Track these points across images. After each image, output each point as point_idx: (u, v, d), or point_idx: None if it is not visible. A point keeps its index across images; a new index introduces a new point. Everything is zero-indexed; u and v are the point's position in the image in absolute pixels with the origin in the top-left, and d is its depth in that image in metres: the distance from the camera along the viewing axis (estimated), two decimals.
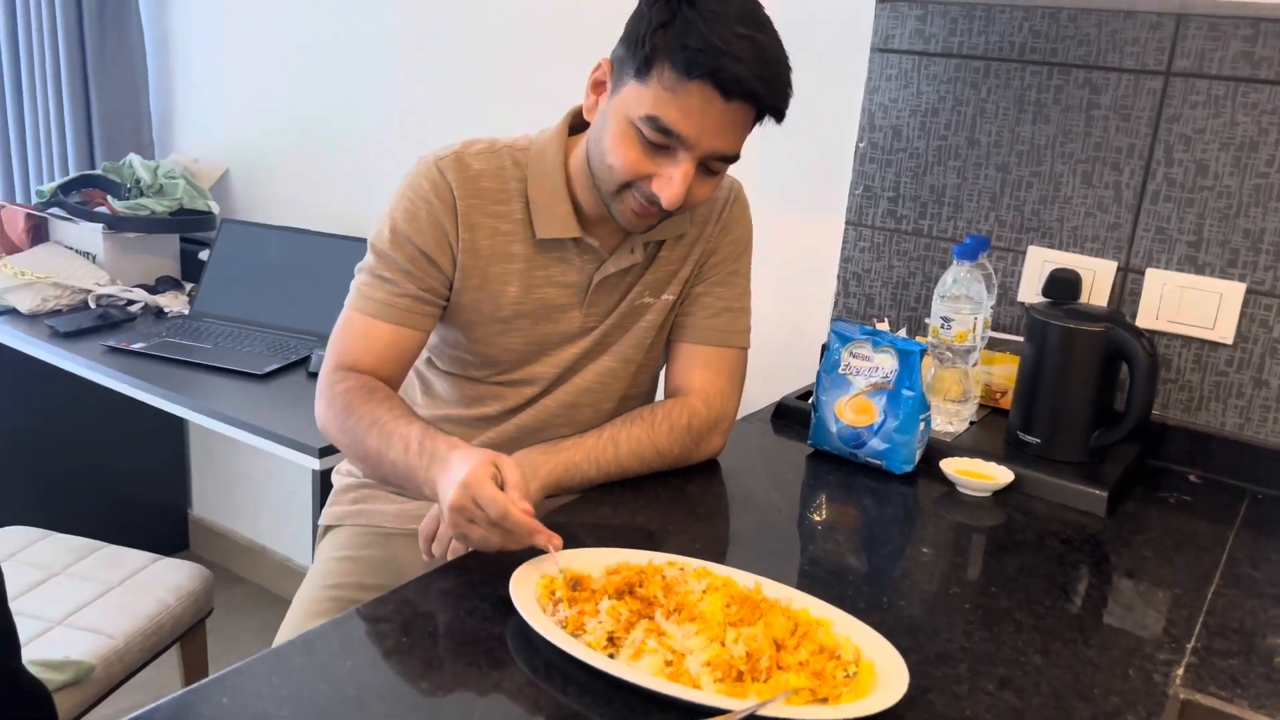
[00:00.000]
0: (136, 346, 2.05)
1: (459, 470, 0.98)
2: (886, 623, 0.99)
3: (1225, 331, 1.42)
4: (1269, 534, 1.27)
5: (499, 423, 1.31)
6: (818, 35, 1.67)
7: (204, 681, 0.84)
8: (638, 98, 1.10)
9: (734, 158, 1.14)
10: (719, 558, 1.05)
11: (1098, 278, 1.49)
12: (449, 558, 1.09)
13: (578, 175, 1.22)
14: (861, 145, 1.65)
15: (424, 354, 1.34)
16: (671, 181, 1.11)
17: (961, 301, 1.40)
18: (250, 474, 2.72)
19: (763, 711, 0.79)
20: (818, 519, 1.27)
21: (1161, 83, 1.41)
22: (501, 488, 0.98)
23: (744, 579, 0.98)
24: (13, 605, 1.44)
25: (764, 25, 1.10)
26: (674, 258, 1.30)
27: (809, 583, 1.07)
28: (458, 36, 2.11)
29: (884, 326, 1.40)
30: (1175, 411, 1.48)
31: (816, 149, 1.71)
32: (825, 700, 0.82)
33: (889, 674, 0.86)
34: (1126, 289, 1.48)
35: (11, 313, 2.21)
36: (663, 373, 1.40)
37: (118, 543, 1.92)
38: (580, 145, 1.22)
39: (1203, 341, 1.44)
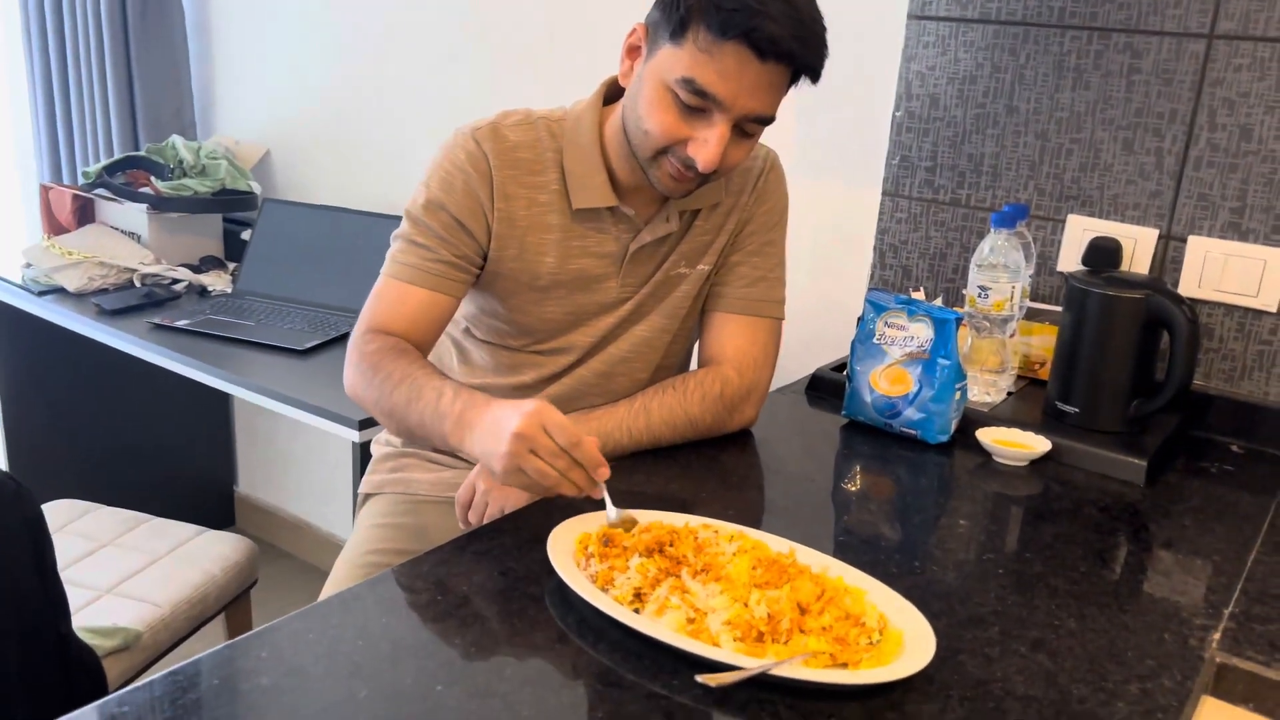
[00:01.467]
0: (181, 324, 2.09)
1: (521, 405, 0.99)
2: (919, 587, 0.99)
3: (1269, 299, 1.39)
4: None
5: (535, 390, 1.32)
6: (853, 3, 1.65)
7: (243, 636, 0.86)
8: (673, 60, 1.10)
9: (769, 119, 1.14)
10: (752, 524, 1.05)
11: (1139, 246, 1.47)
12: (484, 524, 1.11)
13: (613, 144, 1.22)
14: (898, 114, 1.63)
15: (462, 323, 1.35)
16: (707, 144, 1.11)
17: (999, 270, 1.39)
18: (293, 450, 2.77)
19: (777, 672, 0.79)
20: (851, 488, 1.27)
21: (1204, 46, 1.38)
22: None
23: (778, 544, 0.98)
24: (63, 574, 1.48)
25: (805, 5, 1.10)
26: (709, 227, 1.30)
27: (841, 550, 1.07)
28: (492, 15, 2.12)
29: (919, 296, 1.39)
30: (1217, 381, 1.45)
31: (853, 119, 1.70)
32: (845, 665, 0.82)
33: (915, 643, 0.85)
34: (1168, 257, 1.46)
35: (59, 291, 2.26)
36: (696, 344, 1.40)
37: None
38: (615, 114, 1.22)
39: (1246, 310, 1.42)
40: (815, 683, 0.80)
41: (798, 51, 1.08)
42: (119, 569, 1.77)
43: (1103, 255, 1.47)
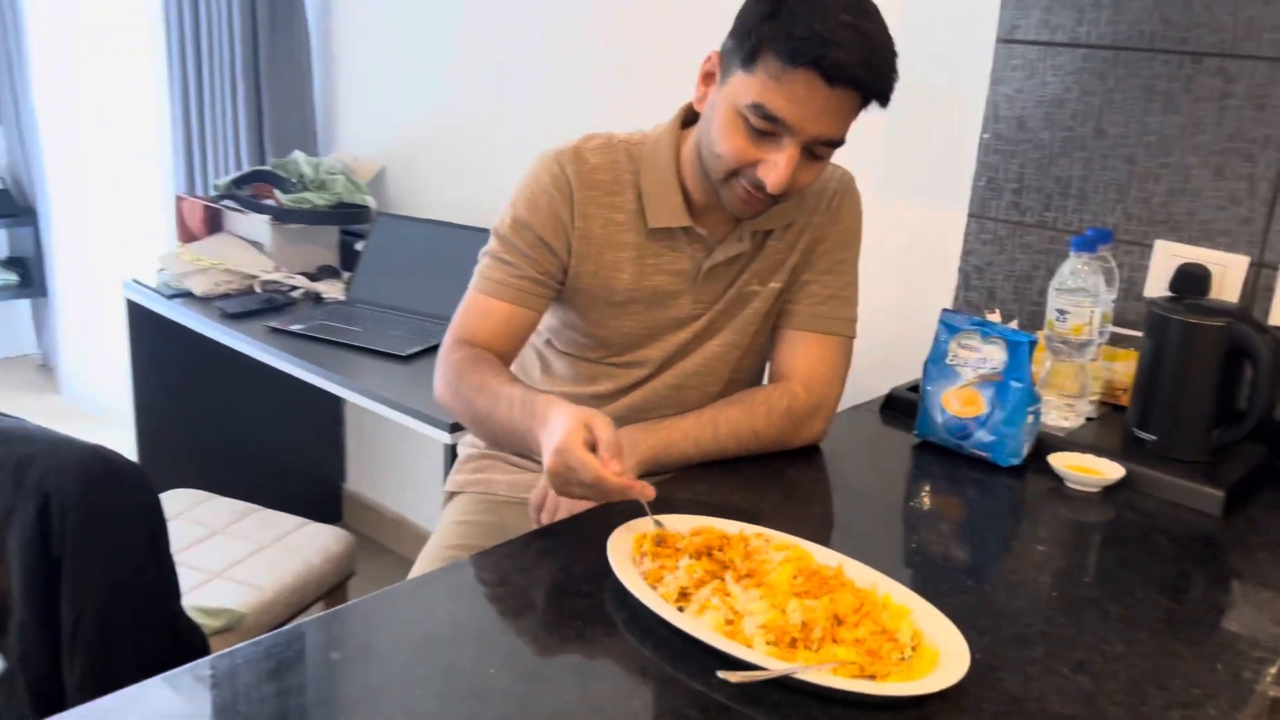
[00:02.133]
0: (295, 328, 2.22)
1: (555, 433, 1.05)
2: (969, 605, 1.00)
3: None
4: None
5: (610, 400, 1.37)
6: (941, 28, 1.66)
7: (320, 615, 0.94)
8: (745, 87, 1.14)
9: (839, 142, 1.18)
10: (810, 537, 1.08)
11: (1228, 273, 1.44)
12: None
13: (689, 166, 1.28)
14: (986, 136, 1.64)
15: (544, 335, 1.42)
16: (776, 167, 1.15)
17: (1078, 294, 1.38)
18: (397, 451, 2.89)
19: (802, 677, 0.82)
20: (916, 507, 1.28)
21: None
22: (594, 447, 1.04)
23: (827, 557, 1.01)
24: (177, 557, 1.60)
25: (869, 13, 1.13)
26: (782, 246, 1.34)
27: (896, 565, 1.09)
28: (592, 43, 2.20)
29: (995, 318, 1.39)
30: None
31: (939, 141, 1.71)
32: (873, 677, 0.85)
33: (950, 660, 0.87)
34: (1260, 285, 1.43)
35: (187, 295, 2.43)
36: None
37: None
38: (691, 138, 1.28)
39: None
40: (836, 689, 0.83)
41: (865, 78, 1.11)
42: (228, 554, 1.90)
43: (1191, 282, 1.45)
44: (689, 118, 1.31)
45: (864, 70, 1.11)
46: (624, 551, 1.00)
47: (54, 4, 3.67)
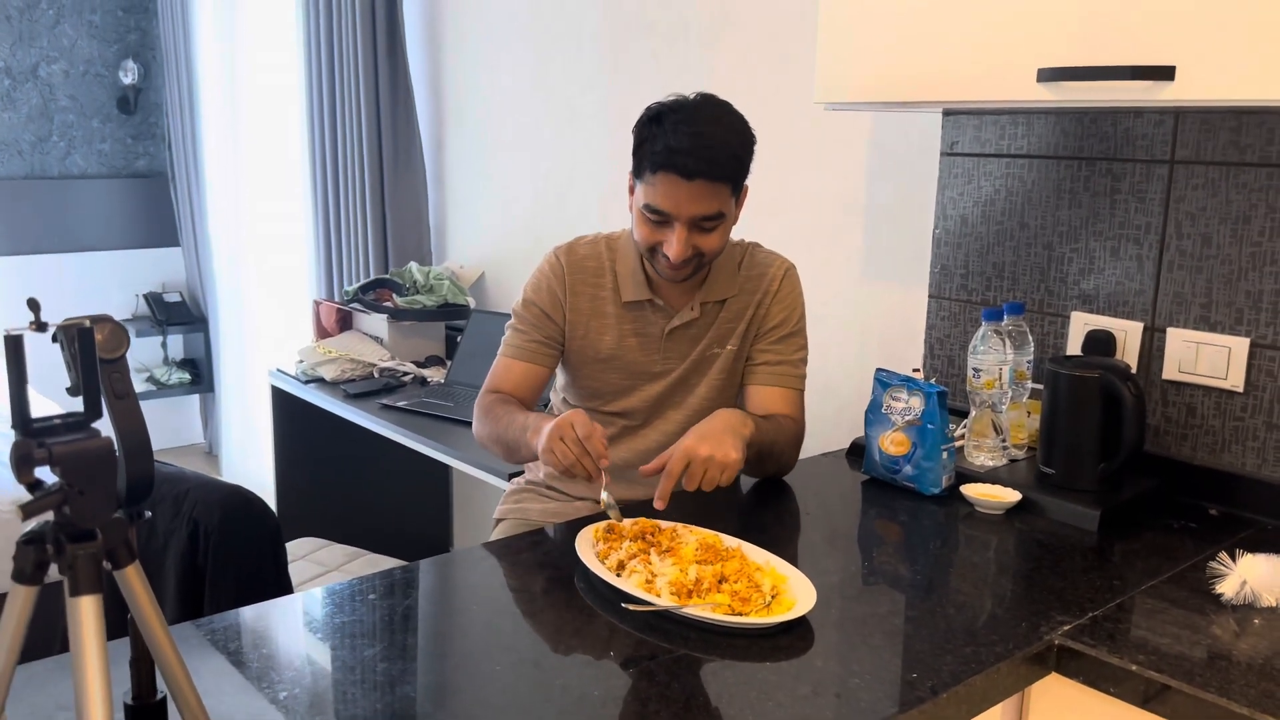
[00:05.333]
0: (401, 404, 2.69)
1: (558, 419, 1.47)
2: (868, 582, 1.32)
3: (1236, 381, 1.61)
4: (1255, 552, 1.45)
5: (611, 444, 1.74)
6: (902, 145, 2.03)
7: (380, 565, 1.34)
8: (640, 193, 1.58)
9: (717, 216, 1.56)
10: (768, 547, 1.36)
11: (1129, 337, 1.73)
12: None
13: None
14: (937, 231, 1.97)
15: (561, 393, 1.83)
16: (672, 244, 1.56)
17: (987, 355, 1.69)
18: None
19: (686, 612, 1.18)
20: (855, 526, 1.60)
21: (1168, 169, 1.66)
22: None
23: (730, 541, 1.35)
24: (296, 589, 2.04)
25: (717, 119, 1.55)
26: (730, 317, 1.72)
27: (803, 553, 1.42)
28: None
29: (919, 375, 1.71)
30: (1202, 454, 1.67)
31: (905, 235, 2.05)
32: (740, 615, 1.18)
33: (801, 608, 1.20)
34: (1154, 346, 1.71)
35: (319, 380, 2.95)
36: None
37: None
38: None
39: (1220, 390, 1.64)
40: (705, 619, 1.17)
41: (709, 171, 1.51)
42: None
43: (1099, 345, 1.75)
44: None
45: (706, 166, 1.51)
46: (587, 540, 1.37)
47: (223, 146, 4.40)
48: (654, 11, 2.51)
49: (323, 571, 2.43)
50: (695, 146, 1.51)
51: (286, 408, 3.12)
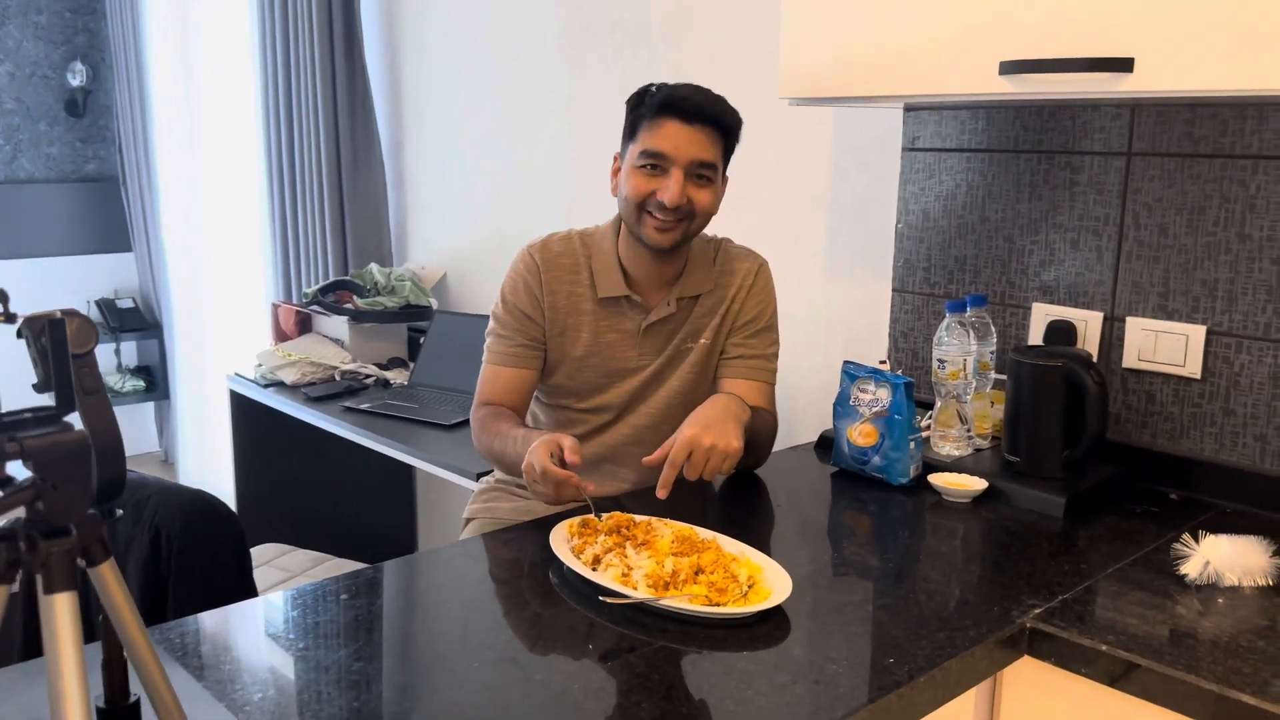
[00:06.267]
0: (364, 406, 2.67)
1: (530, 450, 1.45)
2: (840, 572, 1.33)
3: (1194, 368, 1.64)
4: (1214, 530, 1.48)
5: (584, 440, 1.75)
6: (863, 142, 2.05)
7: (336, 576, 1.32)
8: (634, 149, 1.60)
9: (712, 164, 1.60)
10: (741, 537, 1.37)
11: (1089, 327, 1.75)
12: None
13: (624, 248, 1.69)
14: (900, 226, 1.99)
15: (536, 395, 1.82)
16: (669, 188, 1.57)
17: (952, 347, 1.71)
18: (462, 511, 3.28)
19: (664, 604, 1.17)
20: (826, 517, 1.61)
21: (1125, 162, 1.69)
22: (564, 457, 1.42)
23: (705, 533, 1.35)
24: (262, 596, 2.00)
25: (708, 90, 1.60)
26: (704, 312, 1.72)
27: (776, 544, 1.43)
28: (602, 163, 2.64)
29: (885, 366, 1.73)
30: (1162, 440, 1.70)
31: (868, 231, 2.07)
32: (717, 606, 1.19)
33: (777, 598, 1.20)
34: (1114, 335, 1.74)
35: (279, 384, 2.91)
36: None
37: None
38: (624, 226, 1.68)
39: (1178, 378, 1.67)
40: (682, 610, 1.17)
41: (711, 114, 1.57)
42: None
43: (1060, 335, 1.77)
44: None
45: (710, 107, 1.57)
46: (561, 535, 1.37)
47: (176, 148, 4.33)
48: (616, 10, 2.51)
49: (287, 577, 2.40)
50: (697, 94, 1.58)
51: (246, 412, 3.07)
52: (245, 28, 3.68)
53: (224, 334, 4.21)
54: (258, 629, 1.20)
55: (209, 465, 4.39)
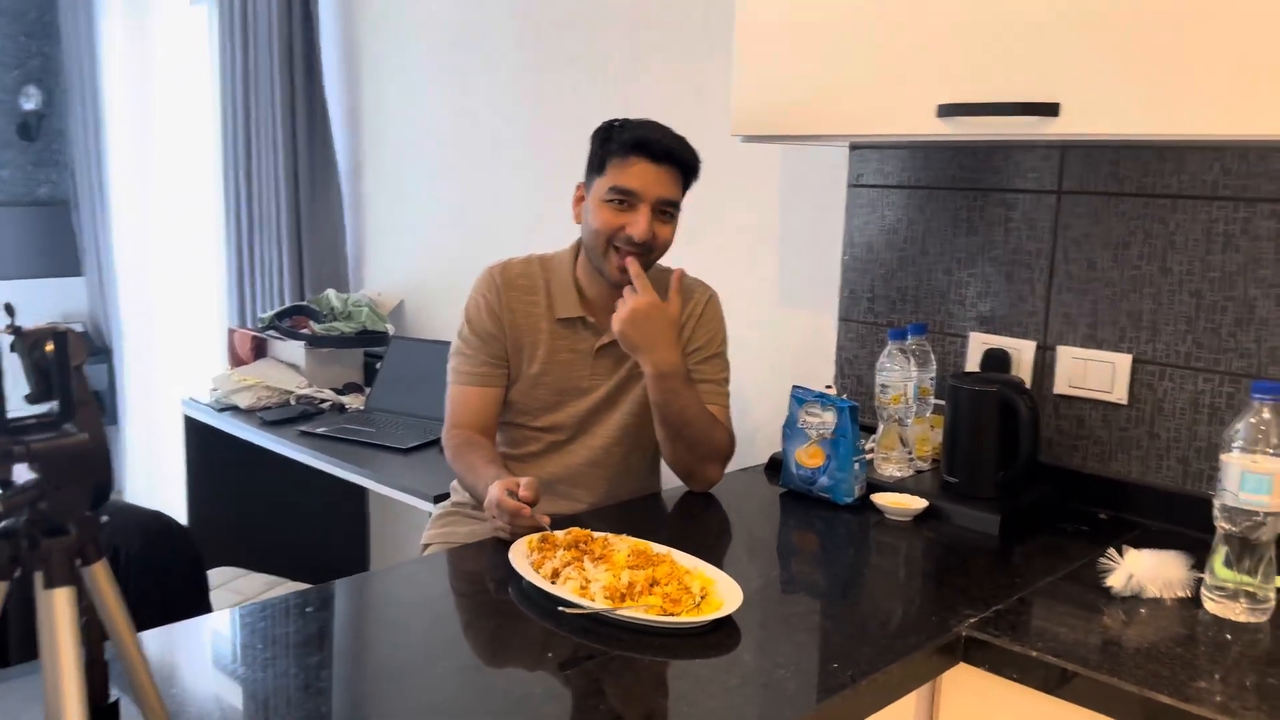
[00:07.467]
0: (319, 430, 2.69)
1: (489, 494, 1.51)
2: (785, 588, 1.39)
3: (1121, 394, 1.74)
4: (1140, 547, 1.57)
5: (538, 459, 1.80)
6: (812, 178, 2.14)
7: (310, 588, 1.36)
8: (602, 183, 1.68)
9: (676, 203, 1.70)
10: (694, 554, 1.44)
11: (1022, 355, 1.85)
12: None
13: (582, 272, 1.77)
14: (845, 258, 2.08)
15: None
16: (638, 223, 1.65)
17: (893, 372, 1.79)
18: (416, 530, 3.30)
19: (620, 614, 1.23)
20: (774, 535, 1.68)
21: (1055, 199, 1.79)
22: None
23: (659, 548, 1.41)
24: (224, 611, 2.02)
25: (672, 131, 1.70)
26: None
27: (728, 559, 1.49)
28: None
29: (832, 391, 1.81)
30: (1092, 463, 1.79)
31: (816, 263, 2.16)
32: (671, 615, 1.24)
33: (729, 608, 1.26)
34: (1045, 363, 1.83)
35: (234, 409, 2.92)
36: None
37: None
38: (580, 250, 1.76)
39: (1107, 403, 1.77)
40: (636, 620, 1.23)
41: (678, 155, 1.67)
42: None
43: (996, 363, 1.87)
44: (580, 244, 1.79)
45: (677, 150, 1.67)
46: (520, 550, 1.41)
47: (130, 173, 4.33)
48: (574, 46, 2.59)
49: (242, 600, 2.40)
50: (665, 137, 1.68)
51: (199, 437, 3.07)
52: (204, 52, 3.70)
53: (176, 359, 4.19)
54: (220, 641, 1.24)
55: (158, 491, 4.35)
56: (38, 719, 0.72)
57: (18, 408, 0.84)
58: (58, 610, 0.68)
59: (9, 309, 0.71)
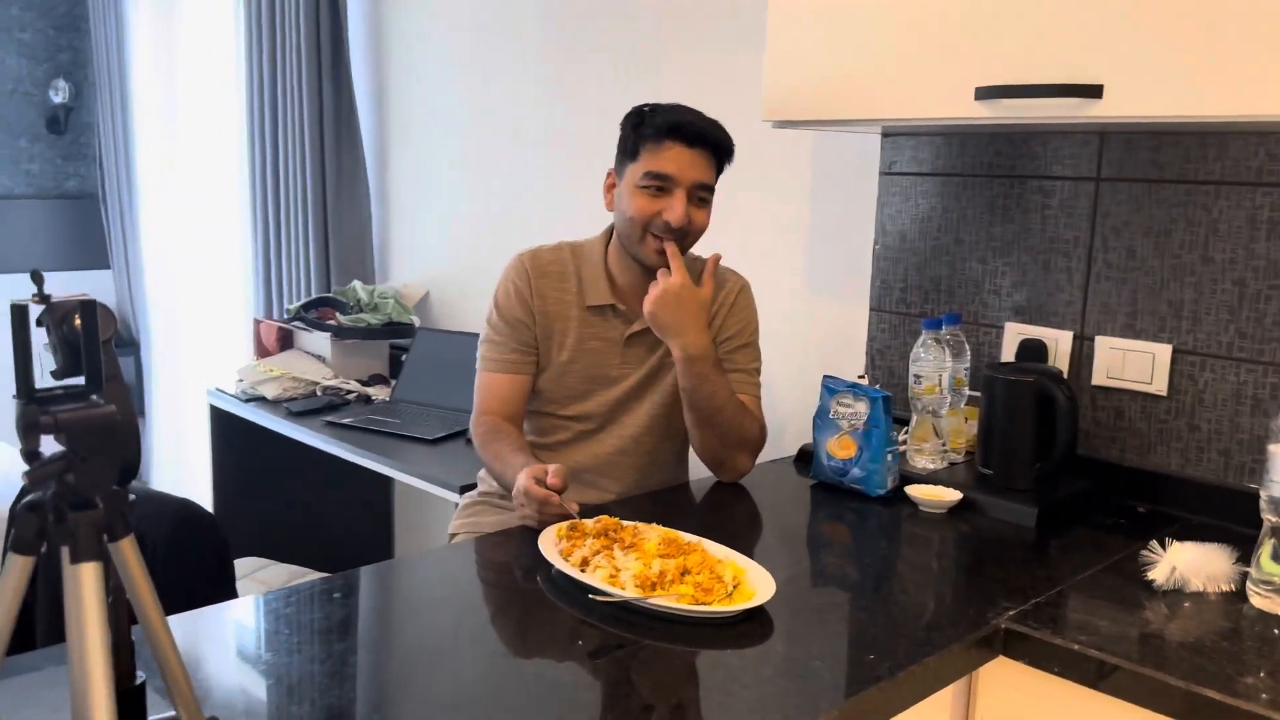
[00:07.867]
0: (345, 421, 2.68)
1: (517, 484, 1.50)
2: (821, 581, 1.37)
3: (1160, 385, 1.70)
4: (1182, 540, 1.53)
5: (566, 448, 1.78)
6: (843, 166, 2.11)
7: (338, 575, 1.34)
8: (635, 170, 1.65)
9: (711, 186, 1.68)
10: (714, 538, 1.41)
11: (1059, 345, 1.81)
12: None
13: (614, 259, 1.75)
14: (878, 248, 2.05)
15: None
16: (674, 208, 1.64)
17: (927, 362, 1.76)
18: (441, 521, 3.29)
19: (652, 603, 1.21)
20: (806, 527, 1.65)
21: (1094, 187, 1.75)
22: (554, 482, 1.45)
23: (690, 536, 1.39)
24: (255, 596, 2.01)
25: (704, 114, 1.68)
26: None
27: (762, 550, 1.47)
28: (584, 181, 2.69)
29: (864, 381, 1.78)
30: (1131, 455, 1.75)
31: (847, 252, 2.13)
32: (702, 604, 1.22)
33: (761, 598, 1.24)
34: (1083, 353, 1.79)
35: (261, 399, 2.92)
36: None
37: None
38: (612, 237, 1.74)
39: (1146, 395, 1.73)
40: (669, 608, 1.21)
41: (711, 138, 1.65)
42: None
43: (1032, 353, 1.83)
44: (612, 230, 1.77)
45: (711, 132, 1.65)
46: (550, 538, 1.40)
47: (158, 166, 4.35)
48: (599, 35, 2.57)
49: (266, 590, 2.40)
50: (698, 120, 1.66)
51: (225, 428, 3.08)
52: (231, 44, 3.71)
53: (203, 351, 4.21)
54: (247, 626, 1.22)
55: (184, 482, 4.37)
56: (63, 697, 0.71)
57: (44, 382, 0.82)
58: (85, 586, 0.67)
59: (36, 277, 0.70)
